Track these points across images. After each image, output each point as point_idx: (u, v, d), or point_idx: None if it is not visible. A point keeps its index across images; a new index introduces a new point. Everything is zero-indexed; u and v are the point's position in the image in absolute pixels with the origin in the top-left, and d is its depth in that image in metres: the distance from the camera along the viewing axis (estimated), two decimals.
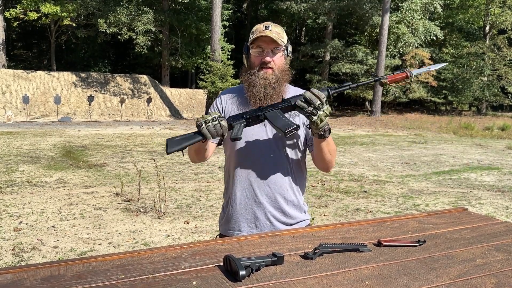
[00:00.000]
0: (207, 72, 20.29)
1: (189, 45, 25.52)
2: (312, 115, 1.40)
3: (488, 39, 30.20)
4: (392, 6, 25.91)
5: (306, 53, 28.99)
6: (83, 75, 22.07)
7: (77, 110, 20.07)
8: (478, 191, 6.41)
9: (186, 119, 21.05)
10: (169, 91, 24.07)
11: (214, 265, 1.12)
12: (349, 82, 1.53)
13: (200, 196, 5.71)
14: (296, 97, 1.46)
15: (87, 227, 4.33)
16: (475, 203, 5.68)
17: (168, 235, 4.15)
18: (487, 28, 30.69)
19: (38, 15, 21.99)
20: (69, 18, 22.64)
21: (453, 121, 20.77)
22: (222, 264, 1.11)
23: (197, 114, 23.19)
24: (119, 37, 22.98)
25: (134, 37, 22.91)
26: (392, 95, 26.46)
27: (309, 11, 26.64)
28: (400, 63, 26.89)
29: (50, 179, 6.55)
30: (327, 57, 27.81)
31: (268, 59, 1.59)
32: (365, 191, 6.24)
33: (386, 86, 1.54)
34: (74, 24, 23.71)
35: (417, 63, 26.71)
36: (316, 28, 33.39)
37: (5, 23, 23.08)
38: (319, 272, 1.09)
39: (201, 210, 5.05)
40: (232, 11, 28.29)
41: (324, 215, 4.95)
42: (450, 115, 25.94)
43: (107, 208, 5.02)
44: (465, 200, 5.83)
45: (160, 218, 4.68)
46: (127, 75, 23.60)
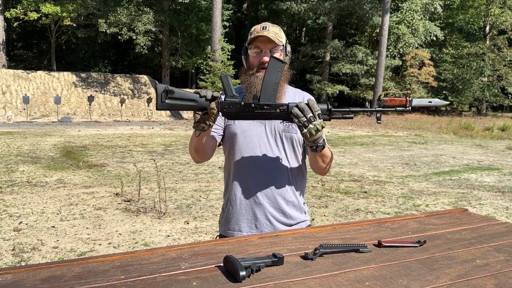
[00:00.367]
0: (207, 73, 20.30)
1: (189, 45, 25.53)
2: (303, 127, 1.38)
3: (488, 40, 30.22)
4: (392, 7, 25.93)
5: (306, 54, 29.01)
6: (83, 75, 22.08)
7: (77, 110, 20.08)
8: (478, 192, 6.41)
9: (186, 119, 21.04)
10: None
11: (214, 266, 1.12)
12: (351, 108, 1.47)
13: (200, 197, 5.71)
14: (293, 104, 1.40)
15: (87, 227, 4.33)
16: (475, 204, 5.68)
17: (168, 236, 4.15)
18: (487, 29, 30.71)
19: (38, 15, 21.99)
20: (69, 18, 22.64)
21: (453, 122, 20.77)
22: (222, 265, 1.11)
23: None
24: (119, 37, 22.98)
25: (134, 37, 22.91)
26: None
27: (309, 12, 26.65)
28: (400, 64, 26.91)
29: (50, 179, 6.55)
30: (327, 58, 27.82)
31: (266, 59, 1.58)
32: (365, 192, 6.24)
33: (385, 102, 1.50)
34: (74, 24, 23.71)
35: (417, 64, 26.74)
36: (316, 29, 33.41)
37: (5, 23, 23.09)
38: (319, 273, 1.09)
39: (201, 211, 5.05)
40: (232, 12, 28.30)
41: (324, 216, 4.95)
42: (450, 116, 25.95)
43: (107, 208, 5.02)
44: (465, 201, 5.83)
45: (160, 219, 4.68)
46: (127, 75, 23.61)
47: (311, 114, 1.37)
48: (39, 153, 9.07)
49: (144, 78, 23.71)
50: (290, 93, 1.68)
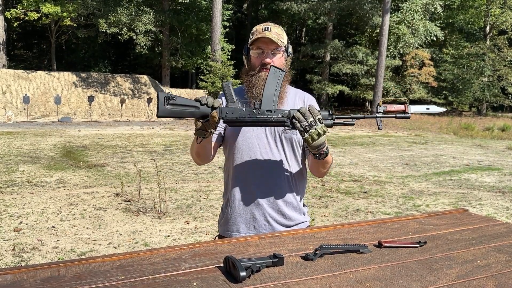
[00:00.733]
0: (208, 73, 20.29)
1: (190, 46, 25.53)
2: (305, 132, 1.38)
3: (489, 40, 30.21)
4: (393, 7, 25.92)
5: (307, 54, 29.00)
6: (84, 75, 22.08)
7: (78, 110, 20.08)
8: (479, 192, 6.41)
9: (187, 120, 21.05)
10: (170, 92, 24.07)
11: (215, 266, 1.12)
12: (352, 115, 1.49)
13: (200, 197, 5.71)
14: (295, 110, 1.42)
15: (87, 228, 4.33)
16: (476, 204, 5.68)
17: (168, 236, 4.15)
18: (488, 29, 30.70)
19: (39, 15, 22.00)
20: (70, 18, 22.65)
21: (454, 122, 20.77)
22: (223, 265, 1.11)
23: None
24: (120, 37, 22.99)
25: (135, 37, 22.92)
26: (392, 96, 26.45)
27: (310, 12, 26.65)
28: (401, 64, 26.90)
29: (50, 179, 6.55)
30: (328, 58, 27.82)
31: (268, 60, 1.58)
32: (365, 192, 6.24)
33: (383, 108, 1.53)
34: (75, 24, 23.71)
35: (418, 64, 26.73)
36: (317, 29, 33.41)
37: (6, 23, 23.09)
38: (320, 273, 1.08)
39: (201, 211, 5.05)
40: (233, 12, 28.30)
41: (324, 216, 4.95)
42: (451, 116, 25.92)
43: (107, 209, 5.02)
44: (466, 201, 5.83)
45: (160, 219, 4.68)
46: (128, 75, 23.61)
47: (312, 119, 1.38)
48: (39, 153, 9.07)
49: (144, 78, 23.71)
50: (292, 94, 1.69)
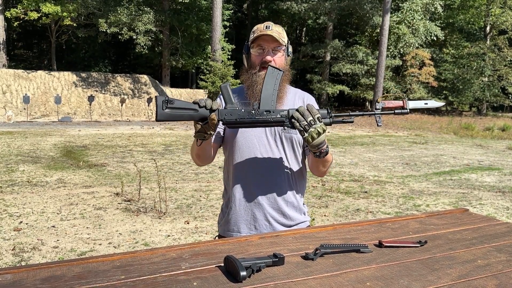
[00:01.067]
0: (208, 72, 20.28)
1: (190, 45, 25.52)
2: (304, 131, 1.38)
3: (489, 40, 30.21)
4: (393, 7, 25.92)
5: (307, 53, 28.99)
6: (84, 75, 22.08)
7: (78, 110, 20.08)
8: (479, 192, 6.41)
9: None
10: (170, 91, 24.07)
11: (215, 266, 1.12)
12: (350, 112, 1.52)
13: (201, 196, 5.71)
14: (293, 110, 1.42)
15: (87, 227, 4.32)
16: (476, 204, 5.68)
17: (169, 235, 4.15)
18: (488, 29, 30.70)
19: (39, 15, 21.99)
20: (70, 18, 22.65)
21: (454, 122, 20.76)
22: (223, 265, 1.11)
23: None
24: (120, 37, 22.99)
25: (135, 37, 22.92)
26: (392, 96, 26.43)
27: (310, 11, 26.65)
28: (401, 64, 26.89)
29: (51, 179, 6.55)
30: (328, 57, 27.81)
31: (269, 58, 1.58)
32: (366, 192, 6.24)
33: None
34: (75, 24, 23.71)
35: (418, 64, 26.71)
36: (317, 28, 33.40)
37: (6, 23, 23.09)
38: (320, 273, 1.08)
39: (202, 210, 5.05)
40: (233, 11, 28.29)
41: (325, 216, 4.95)
42: (451, 116, 25.92)
43: (107, 208, 5.02)
44: (466, 201, 5.83)
45: (161, 218, 4.68)
46: (128, 75, 23.61)
47: (311, 118, 1.38)
48: (39, 153, 9.07)
49: (145, 78, 23.71)
50: (292, 93, 1.69)
